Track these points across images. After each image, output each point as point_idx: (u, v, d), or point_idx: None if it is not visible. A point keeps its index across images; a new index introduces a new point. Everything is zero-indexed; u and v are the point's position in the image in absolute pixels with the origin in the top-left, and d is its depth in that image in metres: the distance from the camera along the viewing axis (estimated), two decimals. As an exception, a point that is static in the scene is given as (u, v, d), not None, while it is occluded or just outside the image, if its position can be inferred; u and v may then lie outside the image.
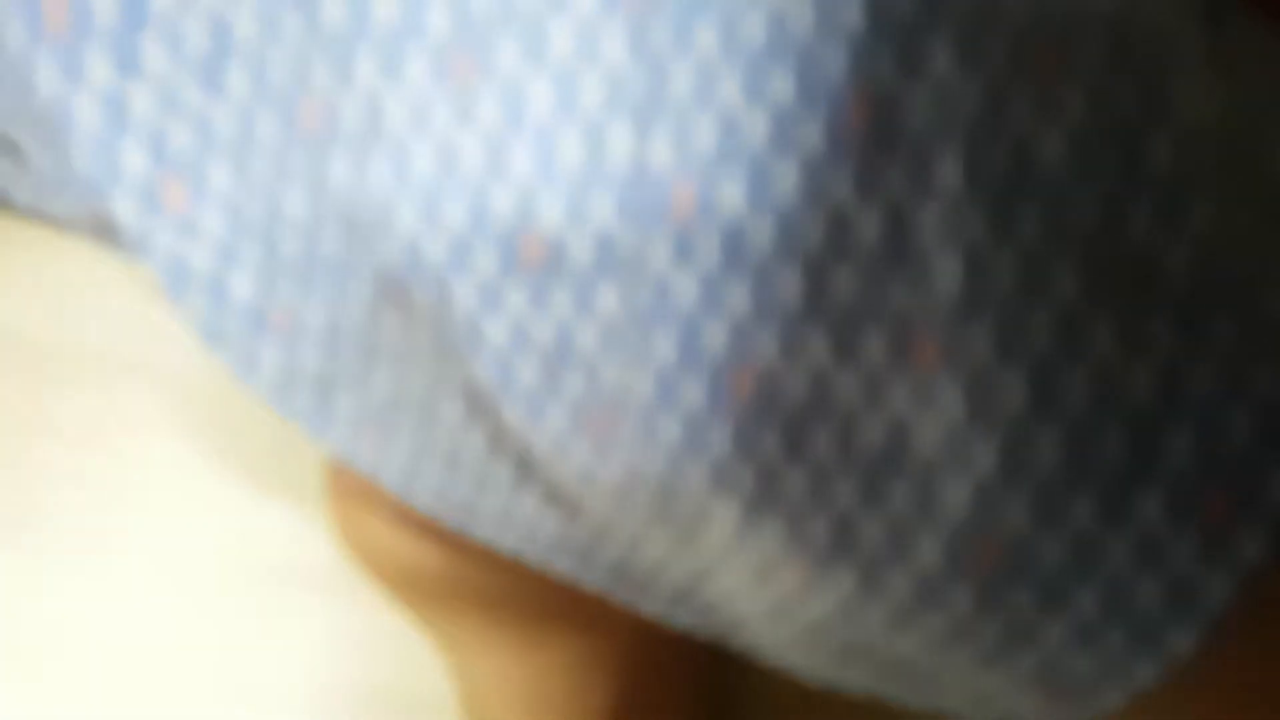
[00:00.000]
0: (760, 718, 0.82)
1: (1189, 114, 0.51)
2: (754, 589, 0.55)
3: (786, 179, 0.50)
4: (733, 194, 0.50)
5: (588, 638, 0.74)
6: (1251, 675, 0.52)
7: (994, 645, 0.53)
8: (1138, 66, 0.51)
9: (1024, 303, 0.50)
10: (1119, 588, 0.51)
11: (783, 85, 0.50)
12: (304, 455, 0.87)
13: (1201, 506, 0.50)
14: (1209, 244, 0.50)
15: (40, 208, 0.62)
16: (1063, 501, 0.50)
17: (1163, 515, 0.50)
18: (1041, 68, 0.50)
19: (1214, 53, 0.53)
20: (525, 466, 0.56)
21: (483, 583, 0.74)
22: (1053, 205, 0.50)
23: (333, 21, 0.53)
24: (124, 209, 0.56)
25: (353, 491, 0.74)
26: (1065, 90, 0.50)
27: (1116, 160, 0.50)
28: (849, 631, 0.54)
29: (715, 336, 0.51)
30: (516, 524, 0.58)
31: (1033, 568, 0.51)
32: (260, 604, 0.87)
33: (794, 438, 0.52)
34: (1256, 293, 0.50)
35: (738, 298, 0.51)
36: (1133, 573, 0.51)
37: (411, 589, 0.75)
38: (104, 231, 0.60)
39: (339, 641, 0.87)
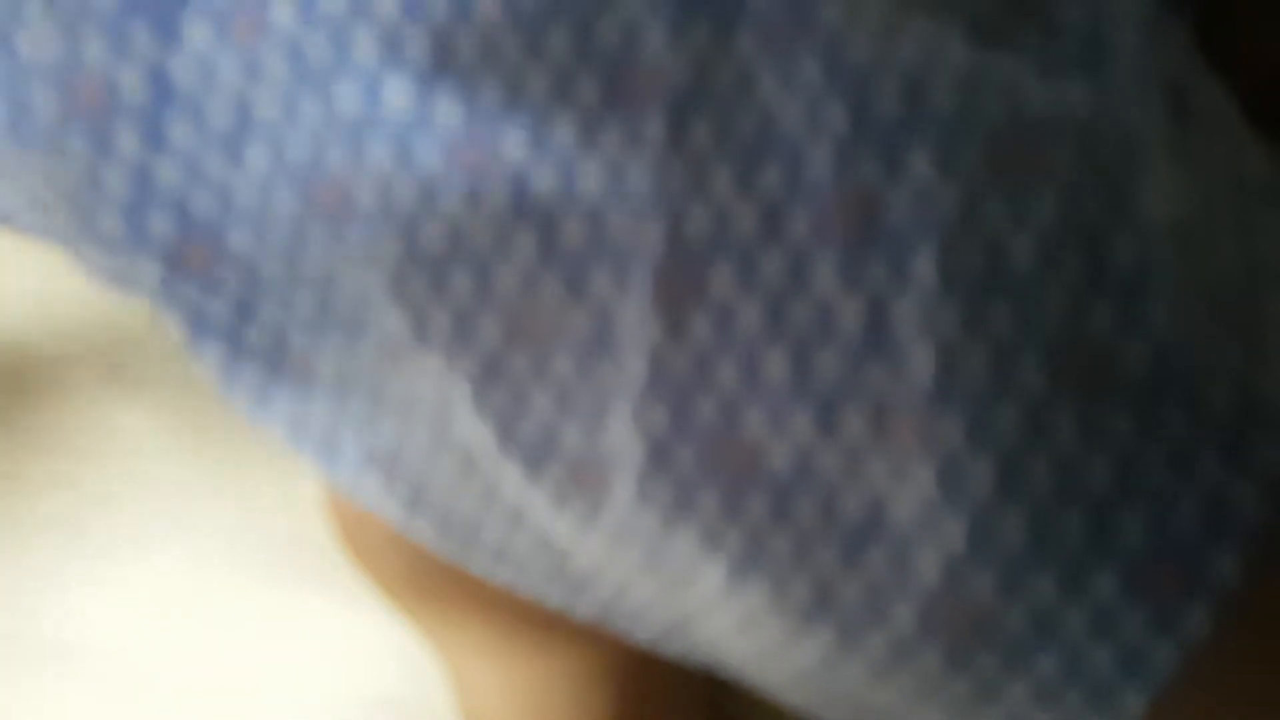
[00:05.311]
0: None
1: (1151, 215, 0.54)
2: (738, 639, 0.58)
3: (774, 267, 0.53)
4: (723, 278, 0.54)
5: (590, 645, 0.77)
6: (1229, 702, 0.56)
7: (963, 701, 0.56)
8: (1105, 169, 0.54)
9: (993, 393, 0.53)
10: (1076, 654, 0.55)
11: (772, 180, 0.53)
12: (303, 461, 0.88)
13: (1152, 583, 0.54)
14: (1165, 341, 0.53)
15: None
16: (1026, 576, 0.54)
17: (1117, 590, 0.54)
18: (1015, 170, 0.53)
19: (1176, 147, 0.56)
20: (518, 517, 0.59)
21: (484, 590, 0.76)
22: (1022, 302, 0.53)
23: (348, 107, 0.55)
24: (148, 269, 0.59)
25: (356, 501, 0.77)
26: (1037, 192, 0.53)
27: (1082, 260, 0.53)
28: (829, 682, 0.58)
29: (707, 409, 0.55)
30: (509, 562, 0.61)
31: (998, 634, 0.55)
32: (258, 610, 0.89)
33: (779, 504, 0.55)
34: (1206, 387, 0.54)
35: (728, 374, 0.54)
36: (1089, 641, 0.54)
37: (414, 594, 0.78)
38: (125, 280, 0.62)
39: (339, 650, 0.88)
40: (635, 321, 0.54)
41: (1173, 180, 0.55)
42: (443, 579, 0.77)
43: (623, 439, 0.55)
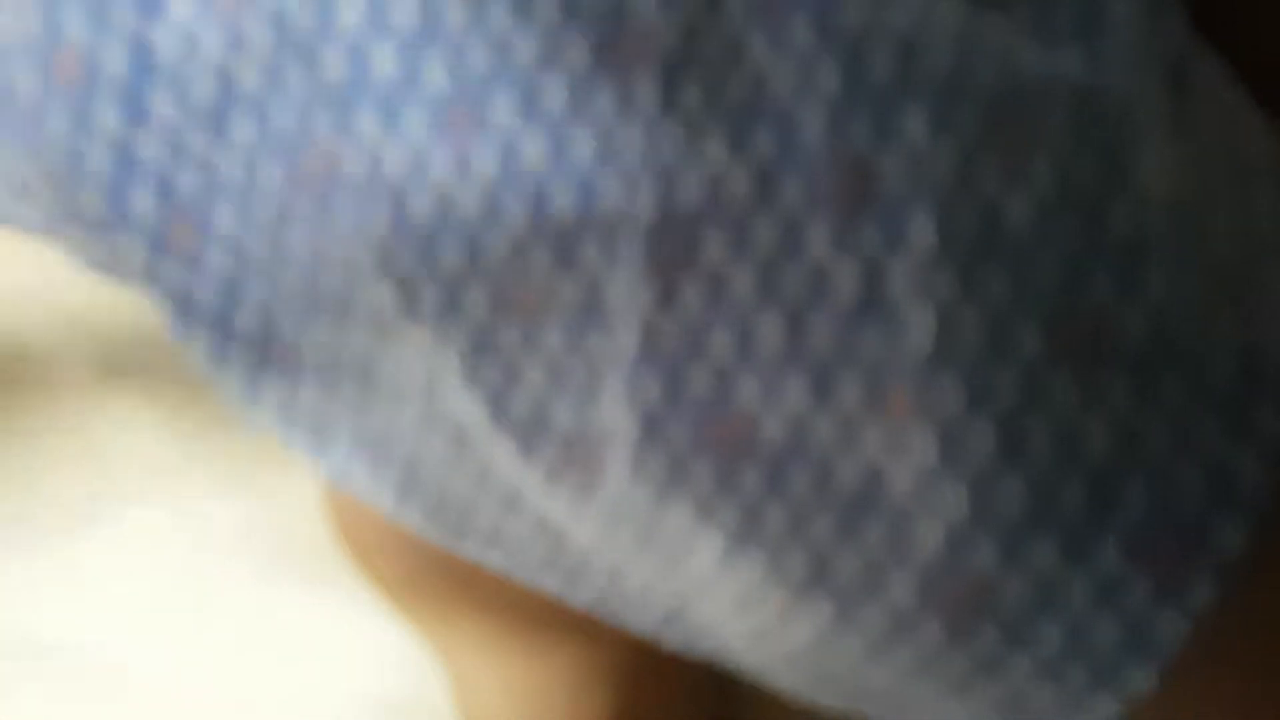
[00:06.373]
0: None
1: (1148, 182, 0.54)
2: (734, 617, 0.57)
3: (769, 233, 0.53)
4: (716, 246, 0.53)
5: (589, 645, 0.76)
6: (1236, 689, 0.55)
7: (963, 677, 0.55)
8: (1101, 135, 0.53)
9: (991, 358, 0.52)
10: (1079, 627, 0.54)
11: (765, 144, 0.53)
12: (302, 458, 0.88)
13: (1155, 552, 0.53)
14: (1163, 309, 0.53)
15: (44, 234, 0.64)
16: (1027, 544, 0.53)
17: (1120, 559, 0.53)
18: (1011, 135, 0.53)
19: (1175, 119, 0.56)
20: (511, 500, 0.58)
21: (483, 589, 0.76)
22: (1019, 267, 0.52)
23: (334, 75, 0.55)
24: (132, 248, 0.59)
25: (351, 496, 0.76)
26: (1033, 157, 0.53)
27: (1079, 226, 0.53)
28: (826, 660, 0.57)
29: (699, 380, 0.54)
30: (504, 548, 0.61)
31: (1000, 605, 0.54)
32: (257, 610, 0.88)
33: (774, 476, 0.54)
34: (1205, 356, 0.53)
35: (721, 343, 0.54)
36: (1092, 612, 0.54)
37: (413, 594, 0.77)
38: (111, 265, 0.62)
39: (338, 650, 0.88)
40: (626, 291, 0.54)
41: (1171, 151, 0.55)
42: (442, 579, 0.77)
43: (616, 412, 0.55)
